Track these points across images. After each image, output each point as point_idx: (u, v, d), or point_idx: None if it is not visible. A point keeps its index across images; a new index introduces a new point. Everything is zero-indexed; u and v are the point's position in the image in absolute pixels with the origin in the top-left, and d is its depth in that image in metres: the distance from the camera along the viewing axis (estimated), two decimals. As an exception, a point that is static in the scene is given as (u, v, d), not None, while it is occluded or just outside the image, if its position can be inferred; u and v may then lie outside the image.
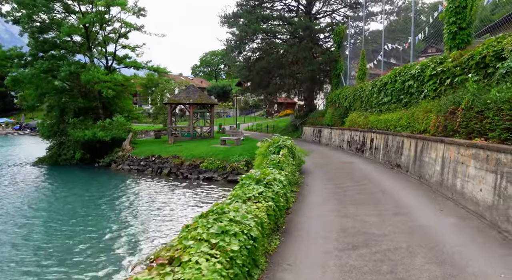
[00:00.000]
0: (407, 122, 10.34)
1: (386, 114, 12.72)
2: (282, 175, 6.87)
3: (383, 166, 11.49)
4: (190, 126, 29.38)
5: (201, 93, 30.29)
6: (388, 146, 11.61)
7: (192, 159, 20.09)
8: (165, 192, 15.90)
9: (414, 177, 8.92)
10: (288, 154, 9.06)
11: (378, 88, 14.04)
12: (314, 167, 11.81)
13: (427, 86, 9.98)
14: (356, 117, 16.31)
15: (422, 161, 8.54)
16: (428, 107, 9.13)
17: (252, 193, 4.82)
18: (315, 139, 23.50)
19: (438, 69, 9.39)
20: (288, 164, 8.50)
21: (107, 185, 18.60)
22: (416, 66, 11.01)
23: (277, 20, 28.78)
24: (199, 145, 23.70)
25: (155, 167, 20.85)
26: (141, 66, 31.10)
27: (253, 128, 41.64)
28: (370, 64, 18.32)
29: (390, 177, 9.37)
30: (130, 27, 28.62)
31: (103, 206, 14.29)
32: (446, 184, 6.94)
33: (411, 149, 9.43)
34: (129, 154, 23.24)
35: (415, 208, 6.11)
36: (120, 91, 28.43)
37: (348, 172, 10.43)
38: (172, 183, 18.03)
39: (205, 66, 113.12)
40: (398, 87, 11.98)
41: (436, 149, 7.69)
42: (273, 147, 9.98)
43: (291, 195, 7.19)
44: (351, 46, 23.76)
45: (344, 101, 19.49)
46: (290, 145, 9.95)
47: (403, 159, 10.08)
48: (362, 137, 14.78)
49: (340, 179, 9.42)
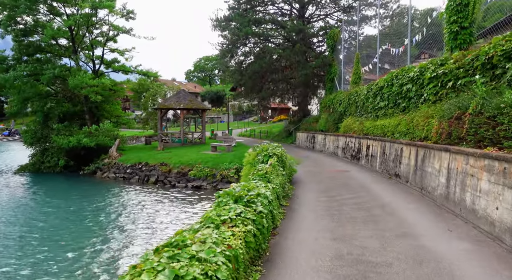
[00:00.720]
0: (406, 128, 9.62)
1: (382, 120, 12.01)
2: (269, 189, 6.06)
3: (381, 175, 10.73)
4: (180, 132, 28.49)
5: (192, 98, 29.47)
6: (385, 154, 10.86)
7: (180, 167, 19.22)
8: (150, 202, 14.98)
9: (415, 189, 8.16)
10: (277, 164, 8.26)
11: (374, 92, 13.35)
12: (307, 176, 11.02)
13: (427, 89, 9.28)
14: (351, 122, 15.60)
15: (424, 171, 7.79)
16: (429, 112, 8.41)
17: (228, 215, 4.00)
18: (308, 145, 22.76)
19: (439, 71, 8.70)
20: (277, 175, 7.70)
21: (89, 195, 17.60)
22: (414, 68, 10.32)
23: (270, 24, 28.16)
24: (189, 151, 22.83)
25: (142, 175, 19.92)
26: (130, 70, 30.24)
27: (246, 134, 40.86)
28: (365, 67, 17.68)
29: (389, 189, 8.60)
30: (118, 30, 27.82)
31: (82, 218, 13.35)
32: (453, 198, 6.17)
33: (411, 157, 8.69)
34: (115, 161, 22.28)
35: (420, 228, 5.33)
36: (108, 95, 27.54)
37: (343, 182, 9.65)
38: (158, 192, 17.11)
39: (199, 71, 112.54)
40: (395, 91, 11.29)
41: (440, 158, 6.94)
42: (262, 155, 9.18)
43: (280, 211, 6.38)
44: (345, 50, 23.20)
45: (339, 106, 18.79)
46: (280, 153, 9.16)
47: (402, 168, 9.33)
48: (358, 144, 14.05)
49: (334, 190, 8.63)
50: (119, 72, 30.55)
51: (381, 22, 24.83)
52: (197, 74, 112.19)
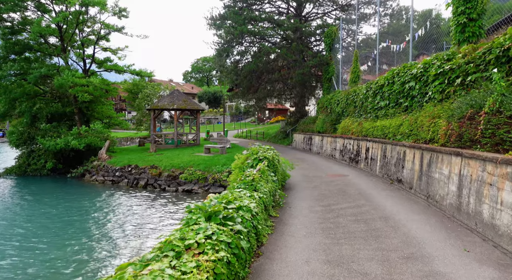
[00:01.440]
0: (409, 129, 8.83)
1: (383, 120, 11.22)
2: (255, 199, 5.25)
3: (381, 180, 9.93)
4: (174, 133, 27.65)
5: (187, 98, 28.64)
6: (386, 157, 10.07)
7: (171, 170, 18.38)
8: (138, 208, 14.13)
9: (421, 197, 7.36)
10: (268, 169, 7.44)
11: (374, 91, 12.57)
12: (302, 181, 10.21)
13: (431, 87, 8.51)
14: (349, 123, 14.82)
15: (430, 177, 6.99)
16: (435, 111, 7.62)
17: (195, 238, 3.18)
18: (305, 147, 21.96)
19: (445, 67, 7.93)
20: (266, 181, 6.88)
21: (74, 199, 16.73)
22: (417, 65, 9.55)
23: (266, 22, 27.38)
24: (182, 153, 22.00)
25: (131, 178, 19.06)
26: (122, 69, 29.37)
27: (243, 135, 40.06)
28: (364, 66, 16.92)
29: (391, 196, 7.79)
30: (110, 28, 26.95)
31: (64, 225, 12.51)
32: (466, 210, 5.37)
33: (416, 161, 7.89)
34: (104, 164, 21.42)
35: (431, 247, 4.52)
36: (98, 95, 26.67)
37: (341, 189, 8.84)
38: (147, 196, 16.26)
39: (196, 72, 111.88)
40: (396, 89, 10.51)
41: (449, 163, 6.14)
42: (252, 159, 8.37)
43: (268, 224, 5.57)
44: (343, 50, 22.47)
45: (336, 107, 18.01)
46: (272, 157, 8.35)
47: (405, 173, 8.53)
48: (356, 146, 13.25)
49: (330, 198, 7.82)
50: (112, 71, 29.73)
51: (380, 20, 24.12)
52: (194, 75, 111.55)
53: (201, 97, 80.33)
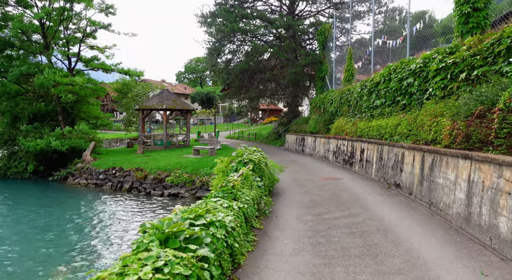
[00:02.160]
0: (408, 129, 8.13)
1: (379, 120, 10.52)
2: (233, 211, 4.48)
3: (378, 184, 9.21)
4: (163, 134, 26.75)
5: (176, 98, 27.77)
6: (383, 159, 9.36)
7: (157, 172, 17.52)
8: (120, 213, 13.28)
9: (422, 204, 6.64)
10: (252, 173, 6.66)
11: (369, 89, 11.87)
12: (292, 185, 9.45)
13: (432, 83, 7.81)
14: (343, 123, 14.11)
15: (433, 182, 6.27)
16: (437, 109, 6.92)
17: (138, 272, 2.39)
18: (298, 148, 21.23)
19: (447, 60, 7.23)
20: (250, 188, 6.11)
21: (55, 203, 15.82)
22: (416, 60, 8.86)
23: (258, 20, 26.63)
24: (170, 155, 21.15)
25: (115, 181, 18.15)
26: (110, 68, 28.45)
27: (235, 136, 39.26)
28: (358, 63, 16.25)
29: (389, 203, 7.06)
30: (96, 25, 26.03)
31: (41, 231, 11.66)
32: (478, 222, 4.65)
33: (416, 165, 7.17)
34: (88, 166, 20.47)
35: (441, 269, 3.78)
36: (84, 95, 25.71)
37: (334, 194, 8.10)
38: (131, 200, 15.40)
39: (190, 72, 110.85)
40: (393, 86, 9.81)
41: (456, 167, 5.42)
42: (236, 162, 7.60)
43: (249, 238, 4.79)
44: (337, 49, 21.81)
45: (330, 106, 17.31)
46: (258, 160, 7.57)
47: (404, 177, 7.81)
48: (351, 147, 12.54)
49: (322, 205, 7.07)
50: (99, 70, 28.77)
51: (375, 16, 23.49)
52: (187, 76, 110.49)
53: (194, 98, 79.43)
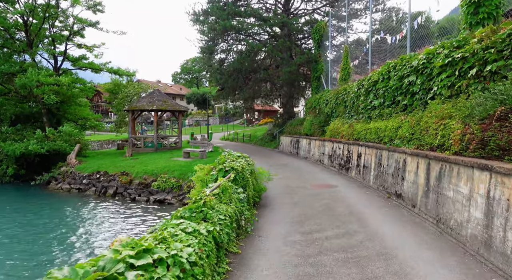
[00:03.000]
0: (410, 132, 7.27)
1: (377, 122, 9.66)
2: (199, 237, 3.58)
3: (376, 193, 8.34)
4: (154, 136, 25.81)
5: (167, 98, 26.86)
6: (382, 166, 8.49)
7: (143, 177, 16.57)
8: (102, 222, 12.34)
9: (428, 219, 5.77)
10: (232, 185, 5.77)
11: (366, 88, 11.03)
12: (282, 194, 8.56)
13: (437, 81, 6.97)
14: (338, 125, 13.26)
15: (441, 195, 5.41)
16: (445, 110, 6.06)
17: None
18: (292, 150, 20.35)
19: (455, 55, 6.38)
20: (228, 202, 5.23)
21: (33, 210, 14.81)
22: (418, 56, 8.01)
23: (251, 18, 25.75)
24: (159, 158, 20.21)
25: (99, 186, 17.18)
26: (98, 68, 27.46)
27: (229, 138, 38.35)
28: (355, 61, 15.42)
29: (389, 217, 6.19)
30: (83, 23, 25.05)
31: (12, 241, 10.68)
32: (502, 248, 3.79)
33: (420, 173, 6.31)
34: (72, 170, 19.48)
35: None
36: (70, 95, 24.74)
37: (327, 205, 7.21)
38: (114, 207, 14.46)
39: (186, 73, 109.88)
40: (393, 85, 8.96)
41: (471, 179, 4.56)
42: (217, 169, 6.71)
43: (218, 270, 3.88)
44: (333, 48, 21.02)
45: (325, 107, 16.46)
46: (241, 167, 6.67)
47: (406, 186, 6.95)
48: (347, 151, 11.68)
49: (314, 219, 6.18)
50: (87, 69, 27.78)
51: (372, 15, 22.69)
52: (184, 76, 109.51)
53: (190, 99, 78.56)
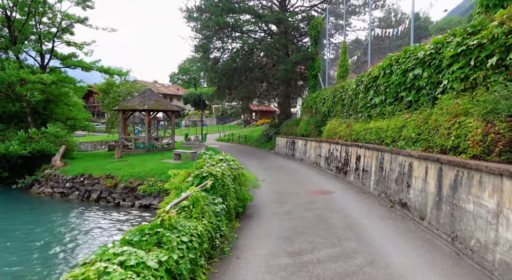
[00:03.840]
0: (416, 132, 6.35)
1: (378, 121, 8.75)
2: (143, 275, 2.64)
3: (377, 201, 7.42)
4: (145, 137, 24.84)
5: (160, 98, 25.92)
6: (383, 170, 7.57)
7: (128, 180, 15.60)
8: (79, 229, 11.39)
9: (441, 236, 4.85)
10: (206, 196, 4.82)
11: (366, 85, 10.11)
12: (271, 202, 7.63)
13: (447, 74, 6.06)
14: (336, 125, 12.34)
15: (457, 207, 4.49)
16: (460, 106, 5.15)
17: None
18: (288, 152, 19.42)
19: (469, 42, 5.48)
20: (200, 216, 4.29)
21: (8, 217, 13.83)
22: (425, 46, 7.10)
23: (246, 15, 24.84)
24: (148, 160, 19.25)
25: (83, 190, 16.21)
26: (88, 66, 26.49)
27: (225, 139, 37.40)
28: (353, 58, 14.52)
29: (394, 233, 5.27)
30: (71, 19, 24.10)
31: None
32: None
33: (429, 180, 5.39)
34: (56, 173, 18.49)
35: None
36: (58, 94, 23.78)
37: (322, 217, 6.28)
38: (96, 213, 13.50)
39: (183, 73, 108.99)
40: (396, 80, 8.05)
41: (498, 190, 3.64)
42: (193, 175, 5.78)
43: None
44: (330, 45, 20.16)
45: (322, 106, 15.54)
46: (221, 173, 5.73)
47: (412, 194, 6.02)
48: (345, 153, 10.75)
49: (305, 236, 5.25)
50: (76, 68, 26.81)
51: (372, 10, 21.81)
52: (181, 77, 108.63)
53: (187, 99, 77.73)
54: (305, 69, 24.68)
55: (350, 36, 26.01)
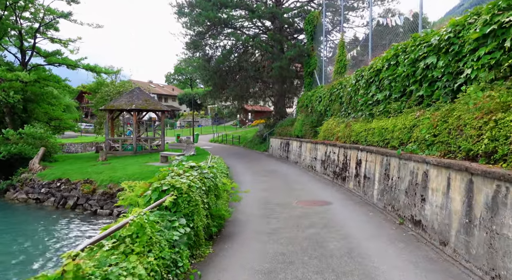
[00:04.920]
0: (432, 133, 5.15)
1: (382, 120, 7.55)
2: None
3: (382, 215, 6.22)
4: (133, 138, 23.57)
5: (149, 97, 24.69)
6: (390, 178, 6.37)
7: (108, 186, 14.35)
8: (48, 242, 10.13)
9: (474, 272, 3.65)
10: (154, 221, 3.58)
11: (367, 80, 8.93)
12: (258, 216, 6.41)
13: (471, 61, 4.88)
14: (333, 125, 11.15)
15: (498, 235, 3.29)
16: (495, 100, 3.96)
17: None
18: (282, 154, 18.22)
19: (502, 19, 4.31)
20: (144, 251, 3.07)
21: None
22: (439, 31, 5.93)
23: (239, 10, 23.63)
24: (134, 163, 18.04)
25: (59, 196, 14.92)
26: (73, 63, 25.26)
27: (218, 140, 36.14)
28: (352, 52, 13.35)
29: (409, 262, 4.06)
30: (53, 13, 22.82)
31: None
32: None
33: (454, 194, 4.19)
34: (33, 177, 17.19)
35: None
36: (39, 93, 22.50)
37: (317, 238, 5.07)
38: (71, 222, 12.28)
39: (179, 73, 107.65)
40: (403, 72, 6.86)
41: None
42: (151, 189, 4.56)
43: None
44: (327, 42, 19.04)
45: (318, 105, 14.36)
46: (187, 186, 4.50)
47: (428, 210, 4.82)
48: (343, 157, 9.56)
49: (295, 266, 4.04)
50: (60, 65, 25.51)
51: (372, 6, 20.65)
52: (177, 77, 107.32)
53: (182, 99, 76.63)
54: (301, 67, 23.54)
55: (348, 33, 24.84)
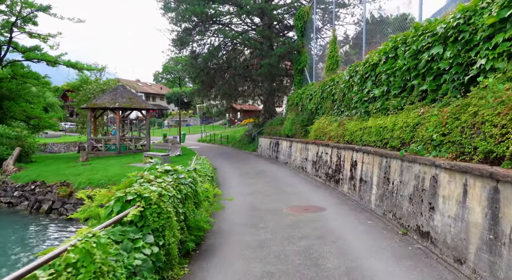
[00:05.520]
0: (440, 132, 4.52)
1: (379, 118, 6.94)
2: None
3: (382, 223, 5.59)
4: (116, 138, 22.57)
5: (133, 95, 23.74)
6: (390, 182, 5.74)
7: (86, 188, 13.44)
8: (20, 250, 9.22)
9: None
10: (108, 243, 2.86)
11: (362, 75, 8.32)
12: (243, 225, 5.71)
13: (485, 49, 4.28)
14: (325, 124, 10.52)
15: (538, 259, 2.66)
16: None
17: None
18: (271, 154, 17.55)
19: (524, 0, 3.69)
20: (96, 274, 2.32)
21: None
22: (445, 19, 5.32)
23: (226, 5, 22.88)
24: (115, 163, 17.14)
25: (33, 200, 13.93)
26: (53, 60, 24.13)
27: (206, 139, 35.29)
28: (345, 46, 12.76)
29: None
30: (31, 6, 21.69)
31: None
32: None
33: (472, 203, 3.56)
34: (6, 179, 16.13)
35: None
36: (16, 90, 21.34)
37: (310, 253, 4.40)
38: (44, 229, 11.38)
39: (167, 72, 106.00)
40: (403, 65, 6.25)
41: None
42: (113, 199, 3.81)
43: None
44: (318, 39, 18.43)
45: (309, 103, 13.74)
46: (157, 196, 3.77)
47: (439, 221, 4.19)
48: (336, 158, 8.93)
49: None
50: (40, 61, 24.34)
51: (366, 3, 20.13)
52: (165, 76, 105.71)
53: (170, 98, 75.49)
54: (290, 65, 22.93)
55: (338, 31, 24.33)
